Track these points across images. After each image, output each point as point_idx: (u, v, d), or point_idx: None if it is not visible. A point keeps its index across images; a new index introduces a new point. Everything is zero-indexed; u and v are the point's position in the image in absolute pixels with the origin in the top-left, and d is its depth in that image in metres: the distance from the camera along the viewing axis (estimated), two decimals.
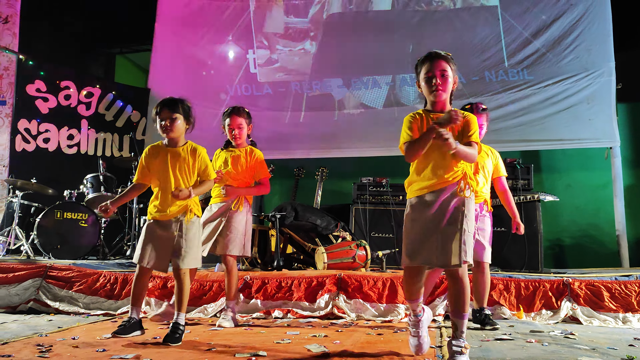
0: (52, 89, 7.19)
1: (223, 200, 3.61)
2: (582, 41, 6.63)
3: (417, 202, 2.50)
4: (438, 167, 2.45)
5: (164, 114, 2.99)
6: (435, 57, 2.53)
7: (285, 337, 3.05)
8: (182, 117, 3.03)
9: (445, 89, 2.50)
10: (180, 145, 3.07)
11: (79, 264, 4.65)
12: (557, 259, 6.90)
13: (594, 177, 6.90)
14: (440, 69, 2.50)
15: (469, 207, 2.44)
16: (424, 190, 2.48)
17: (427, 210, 2.44)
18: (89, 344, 2.82)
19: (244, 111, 3.67)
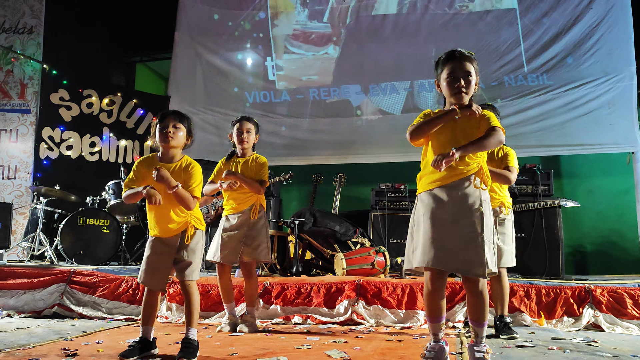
0: (75, 98, 7.33)
1: (239, 211, 3.64)
2: (603, 45, 6.57)
3: (429, 198, 2.34)
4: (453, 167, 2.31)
5: (168, 121, 2.83)
6: (459, 57, 2.39)
7: (306, 342, 3.07)
8: (185, 131, 2.89)
9: (468, 92, 2.38)
10: (175, 160, 2.88)
11: (102, 269, 4.73)
12: (579, 265, 6.82)
13: (615, 182, 6.81)
14: (465, 70, 2.37)
15: (486, 207, 2.31)
16: (435, 184, 2.34)
17: (442, 208, 2.29)
18: (113, 348, 2.87)
19: (252, 119, 3.77)
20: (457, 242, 2.24)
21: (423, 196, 2.39)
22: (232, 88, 8.00)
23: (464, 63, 2.38)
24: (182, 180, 2.80)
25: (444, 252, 2.24)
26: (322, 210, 5.38)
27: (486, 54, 6.99)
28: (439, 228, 2.27)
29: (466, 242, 2.24)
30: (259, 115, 7.62)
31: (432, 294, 2.33)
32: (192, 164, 2.88)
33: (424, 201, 2.37)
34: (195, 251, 2.85)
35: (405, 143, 5.68)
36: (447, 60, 2.42)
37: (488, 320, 2.40)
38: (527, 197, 5.34)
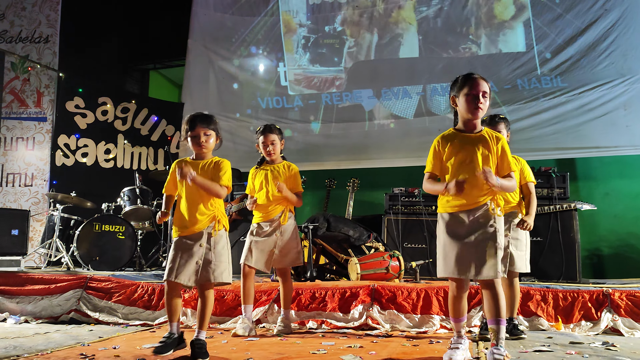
0: (90, 105, 7.42)
1: (270, 218, 3.69)
2: (618, 47, 6.52)
3: (450, 218, 2.67)
4: (471, 188, 2.60)
5: (198, 129, 2.97)
6: (477, 77, 2.66)
7: (321, 347, 3.06)
8: (215, 134, 3.04)
9: (485, 110, 2.66)
10: (206, 159, 3.06)
11: (118, 275, 4.76)
12: (596, 269, 6.73)
13: (633, 185, 6.72)
14: (483, 90, 2.64)
15: (500, 224, 2.63)
16: (455, 209, 2.65)
17: (461, 227, 2.63)
18: (130, 353, 2.89)
19: (275, 128, 3.79)
20: (473, 253, 2.58)
21: (445, 216, 2.70)
22: (244, 94, 8.06)
23: (483, 83, 2.66)
24: (211, 176, 2.97)
25: (463, 264, 2.59)
26: (336, 215, 5.37)
27: (499, 56, 6.96)
28: (458, 243, 2.61)
29: (479, 253, 2.57)
30: (272, 120, 7.65)
31: (456, 299, 2.71)
32: (220, 160, 3.06)
33: (446, 220, 2.69)
34: (222, 255, 2.95)
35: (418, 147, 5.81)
36: (466, 80, 2.68)
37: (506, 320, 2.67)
38: (543, 200, 5.28)
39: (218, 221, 2.98)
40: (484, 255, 2.56)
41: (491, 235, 2.58)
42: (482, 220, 2.61)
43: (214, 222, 2.97)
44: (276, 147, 3.75)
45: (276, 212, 3.70)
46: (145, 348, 3.05)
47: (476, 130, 2.70)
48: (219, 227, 2.98)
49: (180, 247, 2.93)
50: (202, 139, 2.98)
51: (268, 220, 3.70)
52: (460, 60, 7.14)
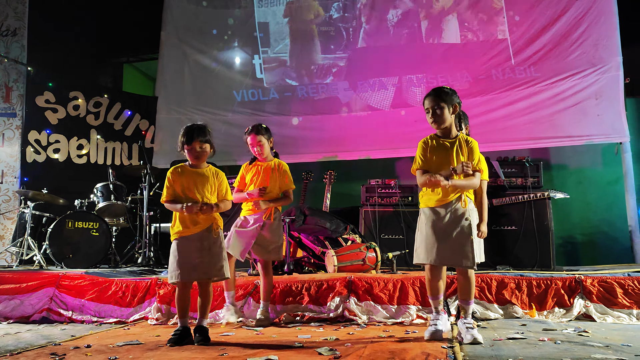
0: (61, 100, 7.26)
1: (256, 212, 3.80)
2: (589, 36, 6.59)
3: (430, 212, 3.05)
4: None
5: (196, 142, 3.18)
6: (432, 94, 3.06)
7: (297, 340, 3.05)
8: (209, 145, 3.24)
9: (440, 121, 3.03)
10: (203, 167, 3.29)
11: (91, 272, 4.68)
12: (570, 256, 6.85)
13: (604, 173, 6.84)
14: (435, 104, 3.02)
15: (473, 217, 3.03)
16: (434, 203, 3.04)
17: (439, 219, 3.01)
18: (102, 352, 2.84)
19: (262, 128, 3.88)
20: (451, 244, 2.96)
21: (426, 210, 3.08)
22: (220, 87, 7.95)
23: (434, 98, 3.04)
24: (214, 184, 3.27)
25: (441, 253, 2.97)
26: (312, 207, 5.36)
27: (473, 47, 6.99)
28: (437, 235, 2.99)
29: (458, 244, 2.96)
30: (247, 113, 7.61)
31: (433, 281, 3.05)
32: (219, 172, 3.34)
33: (426, 214, 3.07)
34: (221, 253, 3.22)
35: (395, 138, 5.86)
36: (425, 97, 3.10)
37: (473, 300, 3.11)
38: (517, 190, 5.35)
39: (216, 222, 3.23)
40: (462, 248, 2.94)
41: (467, 229, 2.96)
42: (458, 213, 2.99)
43: (213, 223, 3.21)
44: (264, 147, 3.85)
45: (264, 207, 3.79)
46: (118, 346, 3.00)
47: (451, 136, 3.07)
48: (218, 227, 3.24)
49: (185, 248, 3.15)
50: (198, 150, 3.20)
51: (255, 214, 3.80)
52: (434, 51, 7.15)
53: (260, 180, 3.81)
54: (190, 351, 2.84)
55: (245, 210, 3.86)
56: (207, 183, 3.24)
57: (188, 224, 3.16)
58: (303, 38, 7.70)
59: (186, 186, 3.21)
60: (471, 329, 2.90)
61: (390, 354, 2.63)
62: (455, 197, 3.02)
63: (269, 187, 3.79)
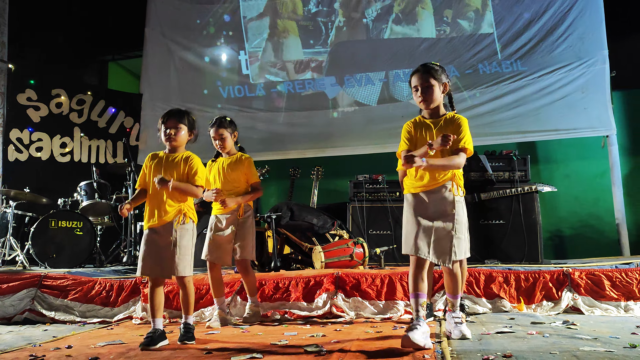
0: (43, 98, 7.14)
1: (228, 211, 3.69)
2: (575, 30, 6.59)
3: (412, 198, 2.85)
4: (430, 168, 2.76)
5: (170, 123, 3.11)
6: (420, 70, 2.84)
7: (283, 338, 3.00)
8: (187, 128, 3.16)
9: (429, 100, 2.81)
10: (178, 152, 3.18)
11: (74, 272, 4.60)
12: (558, 249, 6.86)
13: (591, 166, 6.86)
14: (424, 81, 2.80)
15: (459, 209, 2.78)
16: (417, 189, 2.83)
17: (422, 206, 2.80)
18: (82, 353, 2.77)
19: (226, 121, 3.76)
20: (433, 237, 2.75)
21: (408, 197, 2.88)
22: (205, 84, 7.87)
23: (423, 75, 2.82)
24: (183, 171, 3.10)
25: (423, 244, 2.74)
26: (299, 203, 5.31)
27: (460, 41, 6.97)
28: (420, 223, 2.77)
29: (439, 239, 2.74)
30: (234, 110, 7.52)
31: (415, 274, 2.77)
32: (190, 156, 3.18)
33: (408, 201, 2.87)
34: (187, 247, 3.07)
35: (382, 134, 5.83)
36: (413, 74, 2.88)
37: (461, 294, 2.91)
38: (504, 184, 5.34)
39: (184, 214, 3.09)
40: (441, 243, 2.73)
41: (450, 221, 2.75)
42: (443, 202, 2.78)
43: (180, 215, 3.07)
44: (226, 141, 3.75)
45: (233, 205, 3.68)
46: (100, 346, 2.94)
47: (439, 116, 2.87)
48: (186, 220, 3.09)
49: (149, 241, 3.05)
50: (171, 131, 3.10)
51: (225, 214, 3.70)
52: (421, 45, 7.12)
53: (222, 177, 3.71)
54: (172, 350, 2.79)
55: (215, 209, 3.75)
56: (174, 170, 3.10)
57: (155, 216, 3.06)
58: (287, 33, 7.63)
59: (156, 172, 3.11)
60: (459, 324, 2.79)
61: (378, 349, 2.59)
62: (441, 184, 2.79)
63: (234, 182, 3.68)
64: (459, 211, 2.79)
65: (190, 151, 3.24)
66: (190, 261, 3.10)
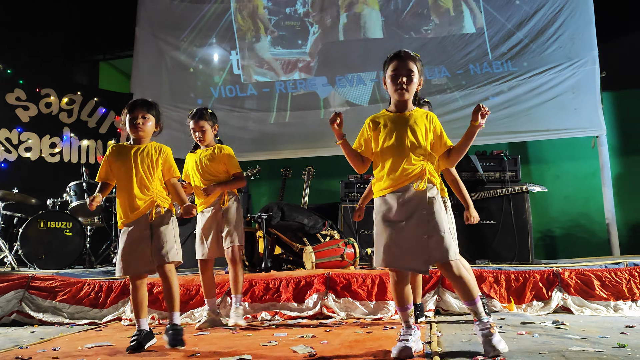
0: (32, 98, 7.07)
1: (209, 204, 3.64)
2: (565, 30, 6.61)
3: (380, 203, 2.53)
4: (396, 167, 2.49)
5: (137, 112, 2.97)
6: (403, 56, 2.56)
7: (272, 339, 2.98)
8: (154, 120, 3.04)
9: (409, 89, 2.55)
10: (144, 144, 3.04)
11: (62, 273, 4.56)
12: (549, 249, 6.89)
13: (582, 166, 6.89)
14: (407, 68, 2.53)
15: (435, 206, 2.43)
16: (385, 191, 2.52)
17: (389, 211, 2.47)
18: (69, 355, 2.74)
19: (206, 113, 3.70)
20: (408, 242, 2.41)
21: (377, 201, 2.57)
22: (196, 83, 7.84)
23: (407, 62, 2.54)
24: (156, 159, 2.98)
25: (398, 253, 2.43)
26: (290, 203, 5.29)
27: (451, 42, 6.98)
28: (391, 231, 2.45)
29: (415, 242, 2.40)
30: (225, 110, 7.48)
31: (397, 286, 2.54)
32: (162, 147, 3.06)
33: (376, 206, 2.56)
34: (166, 233, 2.92)
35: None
36: (392, 59, 2.58)
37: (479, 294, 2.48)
38: (495, 184, 5.35)
39: (157, 205, 2.95)
40: (418, 247, 2.39)
41: (428, 219, 2.40)
42: (413, 202, 2.44)
43: (153, 206, 2.94)
44: (206, 133, 3.69)
45: (214, 196, 3.63)
46: (87, 348, 2.91)
47: (407, 110, 2.59)
48: (161, 210, 2.96)
49: (126, 238, 2.91)
50: (139, 120, 2.97)
51: (209, 206, 3.65)
52: (411, 45, 7.12)
53: (200, 169, 3.64)
54: (160, 352, 2.76)
55: (199, 206, 3.68)
56: (147, 159, 2.97)
57: (127, 211, 2.93)
58: (277, 33, 7.62)
59: (124, 167, 2.97)
60: (489, 336, 2.33)
61: (367, 350, 2.58)
62: (408, 181, 2.47)
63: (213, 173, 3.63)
64: (436, 206, 2.44)
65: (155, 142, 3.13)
66: (177, 247, 2.95)
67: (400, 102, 2.59)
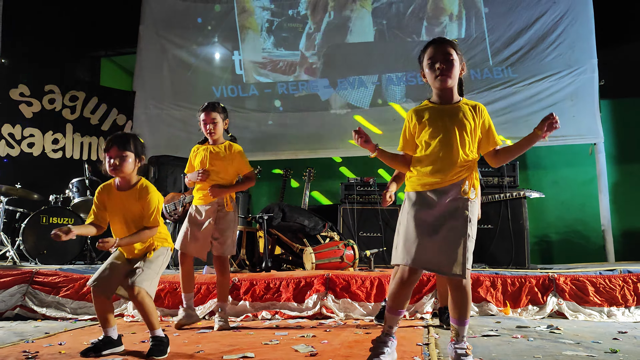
0: (36, 93, 7.12)
1: (208, 202, 3.57)
2: (565, 39, 6.71)
3: (417, 198, 2.32)
4: (443, 164, 2.29)
5: (112, 152, 2.75)
6: (439, 41, 2.35)
7: (274, 338, 3.05)
8: (133, 155, 2.79)
9: (450, 75, 2.31)
10: (131, 184, 2.82)
11: (66, 269, 4.61)
12: (545, 254, 6.97)
13: (579, 173, 6.98)
14: (445, 52, 2.31)
15: (473, 211, 2.29)
16: (425, 187, 2.32)
17: (427, 209, 2.28)
18: (76, 349, 2.80)
19: (219, 106, 3.62)
20: (440, 244, 2.24)
21: (411, 195, 2.36)
22: (199, 82, 7.92)
23: (444, 46, 2.33)
24: (140, 205, 2.77)
25: (424, 254, 2.24)
26: (291, 205, 5.36)
27: None
28: (422, 229, 2.26)
29: (448, 245, 2.24)
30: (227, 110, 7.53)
31: (402, 287, 2.32)
32: (147, 189, 2.81)
33: (411, 200, 2.34)
34: (151, 263, 2.78)
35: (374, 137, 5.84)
36: (427, 47, 2.38)
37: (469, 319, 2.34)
38: (493, 189, 5.41)
39: (155, 249, 2.83)
40: (453, 250, 2.22)
41: (462, 226, 2.24)
42: (454, 204, 2.27)
43: (150, 249, 2.83)
44: (217, 126, 3.58)
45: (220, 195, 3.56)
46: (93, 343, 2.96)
47: (453, 101, 2.37)
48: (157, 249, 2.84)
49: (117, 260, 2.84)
50: (115, 161, 2.74)
51: (207, 204, 3.56)
52: (414, 49, 7.19)
53: (208, 163, 3.54)
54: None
55: (196, 199, 3.60)
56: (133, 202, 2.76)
57: (128, 251, 2.83)
58: (280, 34, 7.69)
59: (113, 212, 2.80)
60: (465, 356, 2.26)
61: (367, 350, 2.65)
62: (455, 181, 2.29)
63: (220, 173, 3.53)
64: (473, 215, 2.29)
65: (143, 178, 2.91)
66: (154, 282, 2.79)
67: (443, 91, 2.35)
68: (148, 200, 2.77)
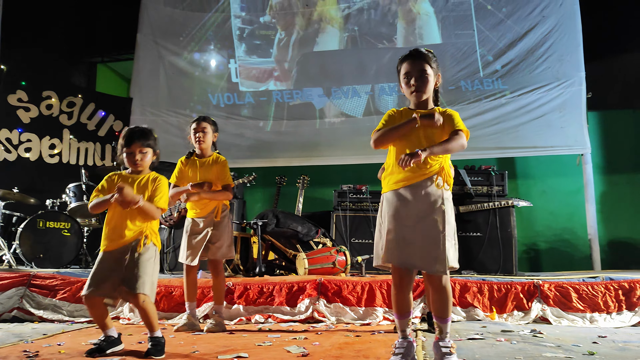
0: (34, 99, 7.20)
1: (204, 214, 3.71)
2: (554, 52, 6.87)
3: (393, 197, 2.40)
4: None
5: (134, 147, 2.86)
6: (414, 56, 2.46)
7: (267, 340, 3.15)
8: (152, 151, 2.93)
9: (425, 90, 2.45)
10: (142, 175, 2.95)
11: (63, 272, 4.70)
12: (533, 262, 7.10)
13: (567, 183, 7.12)
14: (418, 69, 2.43)
15: (448, 203, 2.36)
16: (399, 184, 2.39)
17: (404, 206, 2.35)
18: (75, 350, 2.89)
19: (209, 118, 3.84)
20: (420, 240, 2.31)
21: (388, 195, 2.44)
22: (195, 90, 8.02)
23: (418, 62, 2.45)
24: (149, 192, 2.87)
25: (407, 250, 2.30)
26: (285, 211, 5.47)
27: (443, 59, 7.20)
28: (402, 227, 2.33)
29: (428, 240, 2.30)
30: (223, 117, 7.66)
31: (400, 291, 2.38)
32: (158, 177, 2.95)
33: (389, 200, 2.42)
34: (146, 267, 2.78)
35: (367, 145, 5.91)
36: (403, 60, 2.50)
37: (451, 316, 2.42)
38: (482, 198, 5.54)
39: (146, 236, 2.85)
40: (432, 246, 2.29)
41: (440, 221, 2.31)
42: (429, 199, 2.34)
43: (142, 237, 2.83)
44: (207, 135, 3.76)
45: (209, 208, 3.72)
46: (91, 344, 3.05)
47: (428, 109, 2.49)
48: (147, 242, 2.85)
49: (103, 262, 2.81)
50: (137, 156, 2.87)
51: (202, 217, 3.71)
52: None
53: (199, 175, 3.71)
54: None
55: (191, 212, 3.76)
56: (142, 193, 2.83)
57: (113, 237, 2.82)
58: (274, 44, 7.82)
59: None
60: (449, 355, 2.32)
61: (357, 352, 2.76)
62: (427, 176, 2.37)
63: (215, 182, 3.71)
64: (448, 209, 2.36)
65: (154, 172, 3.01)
66: (152, 281, 2.80)
67: (418, 104, 2.50)
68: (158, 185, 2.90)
